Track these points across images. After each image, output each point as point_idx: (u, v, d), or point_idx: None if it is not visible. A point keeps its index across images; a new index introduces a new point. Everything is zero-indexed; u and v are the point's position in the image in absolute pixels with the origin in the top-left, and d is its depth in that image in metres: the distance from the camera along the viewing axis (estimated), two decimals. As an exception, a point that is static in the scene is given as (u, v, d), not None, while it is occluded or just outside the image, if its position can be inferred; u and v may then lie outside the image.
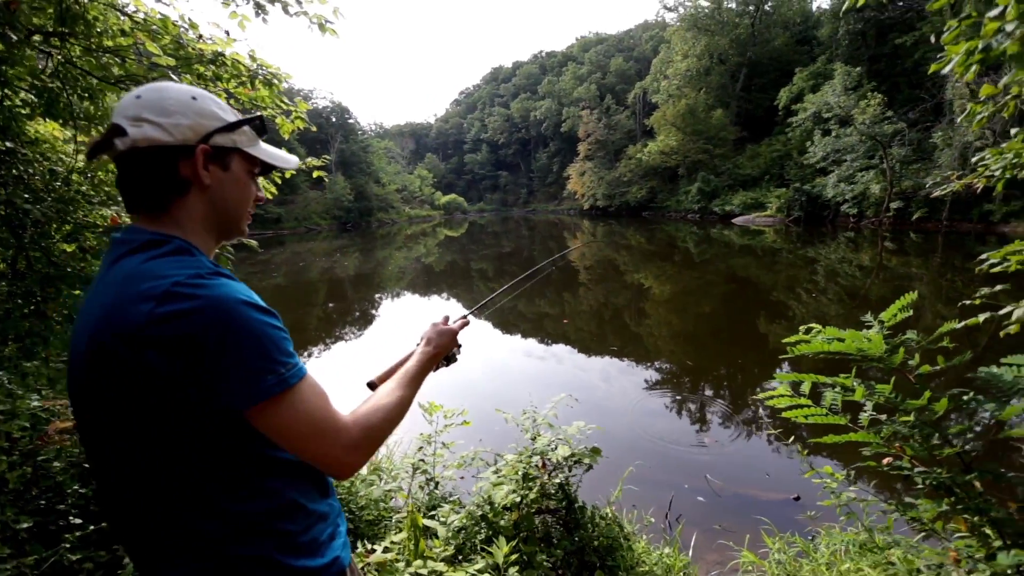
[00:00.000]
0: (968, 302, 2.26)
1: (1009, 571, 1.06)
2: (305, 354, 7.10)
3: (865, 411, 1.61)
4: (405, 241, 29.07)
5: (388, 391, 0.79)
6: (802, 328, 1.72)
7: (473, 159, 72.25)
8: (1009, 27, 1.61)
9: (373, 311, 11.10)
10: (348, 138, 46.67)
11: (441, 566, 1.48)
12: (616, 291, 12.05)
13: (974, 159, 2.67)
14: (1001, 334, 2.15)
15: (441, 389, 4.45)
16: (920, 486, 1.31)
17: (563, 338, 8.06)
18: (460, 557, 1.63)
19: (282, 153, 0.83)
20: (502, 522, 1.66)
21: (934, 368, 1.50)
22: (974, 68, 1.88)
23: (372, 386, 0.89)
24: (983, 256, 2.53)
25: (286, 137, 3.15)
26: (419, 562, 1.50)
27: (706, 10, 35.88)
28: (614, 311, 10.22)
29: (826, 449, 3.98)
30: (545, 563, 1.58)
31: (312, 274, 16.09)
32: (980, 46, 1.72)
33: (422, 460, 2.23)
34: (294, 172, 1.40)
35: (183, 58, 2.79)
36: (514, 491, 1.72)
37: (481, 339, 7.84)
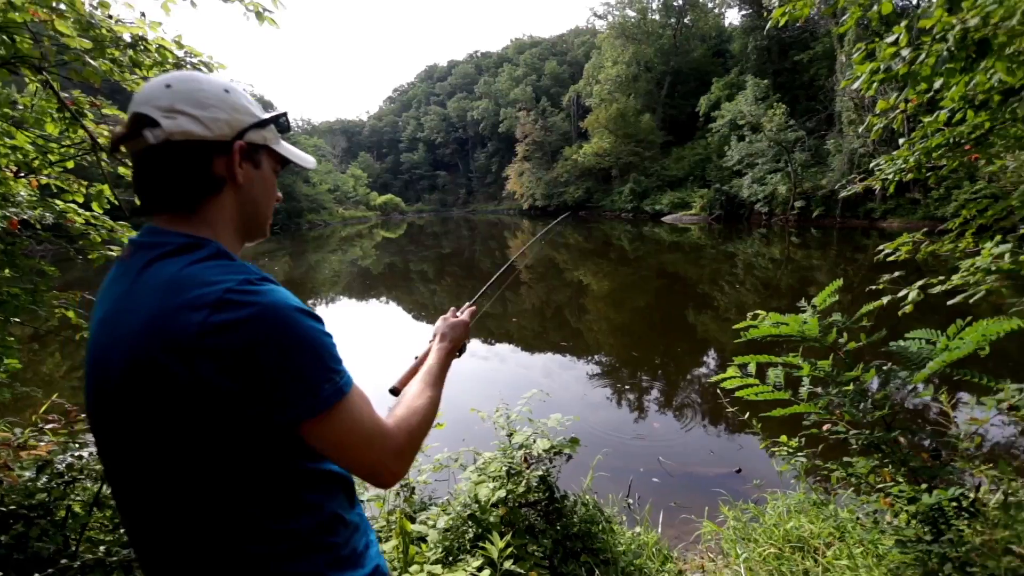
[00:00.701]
0: (873, 287, 2.61)
1: (930, 509, 1.27)
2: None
3: (803, 386, 1.82)
4: (340, 243, 27.79)
5: (418, 392, 0.78)
6: (749, 315, 1.91)
7: (410, 158, 70.51)
8: (904, 52, 1.90)
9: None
10: (273, 134, 43.57)
11: (437, 568, 1.46)
12: (558, 289, 12.39)
13: (871, 164, 3.09)
14: (899, 313, 2.53)
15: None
16: (854, 446, 1.52)
17: (509, 337, 8.16)
18: (450, 558, 1.62)
19: (301, 152, 0.80)
20: (491, 518, 1.68)
21: (858, 344, 1.74)
22: (875, 85, 2.20)
23: (395, 392, 0.87)
24: (880, 248, 2.95)
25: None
26: (416, 567, 1.47)
27: (633, 20, 37.94)
28: (556, 308, 10.51)
29: (757, 421, 4.40)
30: (537, 553, 1.62)
31: (238, 280, 14.86)
32: (882, 67, 2.00)
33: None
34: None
35: (95, 39, 2.50)
36: (500, 487, 1.74)
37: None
